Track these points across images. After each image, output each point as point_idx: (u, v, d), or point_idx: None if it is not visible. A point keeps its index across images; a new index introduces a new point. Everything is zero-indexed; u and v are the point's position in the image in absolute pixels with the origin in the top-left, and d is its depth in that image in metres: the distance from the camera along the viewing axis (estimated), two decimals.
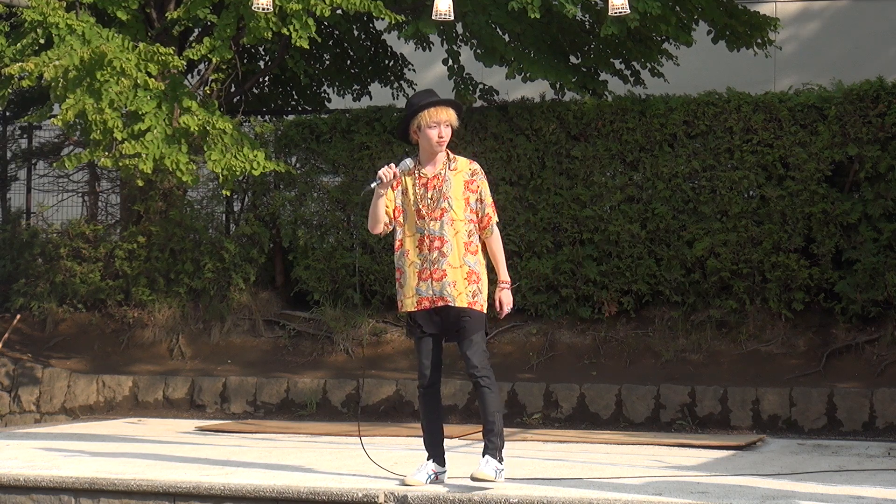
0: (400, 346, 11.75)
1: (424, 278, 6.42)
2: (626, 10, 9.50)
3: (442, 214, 6.44)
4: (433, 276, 6.41)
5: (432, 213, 6.44)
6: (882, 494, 6.35)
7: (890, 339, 10.67)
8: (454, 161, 6.55)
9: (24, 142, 13.96)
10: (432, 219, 6.43)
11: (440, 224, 6.42)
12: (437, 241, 6.42)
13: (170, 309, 12.29)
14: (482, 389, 6.37)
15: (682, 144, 11.35)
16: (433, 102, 6.47)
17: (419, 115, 6.46)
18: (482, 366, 6.38)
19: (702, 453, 8.33)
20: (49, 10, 10.30)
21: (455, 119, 6.52)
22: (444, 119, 6.45)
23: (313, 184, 12.41)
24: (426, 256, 6.42)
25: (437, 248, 6.41)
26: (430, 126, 6.44)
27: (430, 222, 6.43)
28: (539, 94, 11.95)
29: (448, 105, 6.50)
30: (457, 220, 6.44)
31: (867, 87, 10.96)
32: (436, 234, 6.42)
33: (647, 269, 11.33)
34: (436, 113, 6.45)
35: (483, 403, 6.38)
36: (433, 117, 6.44)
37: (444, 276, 6.40)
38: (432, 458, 6.53)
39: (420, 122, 6.47)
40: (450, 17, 9.39)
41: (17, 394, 11.52)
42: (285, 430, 9.62)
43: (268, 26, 10.41)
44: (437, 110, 6.45)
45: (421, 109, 6.46)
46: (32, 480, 6.84)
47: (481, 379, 6.36)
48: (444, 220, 6.43)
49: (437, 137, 6.45)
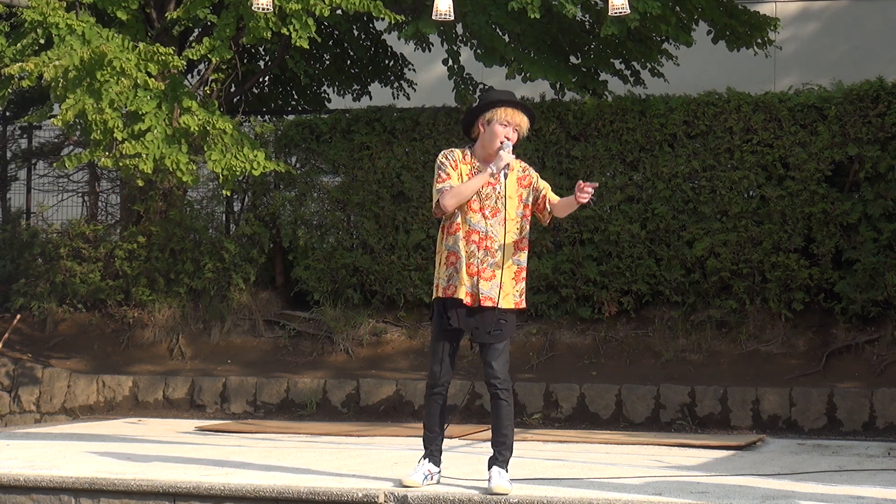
0: (400, 346, 11.75)
1: (472, 273, 6.30)
2: (626, 10, 9.50)
3: (495, 214, 6.33)
4: (481, 274, 6.30)
5: (485, 212, 6.32)
6: (882, 494, 6.35)
7: (890, 339, 10.67)
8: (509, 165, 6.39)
9: (24, 142, 13.95)
10: (484, 217, 6.32)
11: (492, 223, 6.32)
12: (487, 240, 6.31)
13: (170, 309, 12.29)
14: (500, 402, 6.31)
15: (682, 144, 11.35)
16: (514, 102, 6.37)
17: (495, 110, 6.32)
18: (504, 377, 6.31)
19: (702, 453, 8.33)
20: (49, 10, 10.29)
21: (526, 128, 6.37)
22: (517, 122, 6.32)
23: (313, 184, 12.41)
24: (473, 252, 6.30)
25: (485, 248, 6.30)
26: (502, 122, 6.30)
27: (481, 220, 6.32)
28: (539, 94, 11.96)
29: (525, 111, 6.37)
30: (509, 219, 6.34)
31: (867, 87, 10.96)
32: (487, 233, 6.31)
33: (647, 269, 11.33)
34: (514, 113, 6.32)
35: (499, 416, 6.32)
36: (510, 116, 6.31)
37: (493, 277, 6.30)
38: (430, 458, 6.50)
39: (493, 116, 6.32)
40: (450, 17, 9.39)
41: (17, 394, 11.52)
42: (285, 430, 9.62)
43: (267, 26, 10.41)
44: (516, 112, 6.33)
45: (500, 104, 6.32)
46: (32, 480, 6.84)
47: (501, 391, 6.30)
48: (496, 219, 6.32)
49: (502, 135, 6.27)
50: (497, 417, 6.34)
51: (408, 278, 11.91)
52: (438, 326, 6.39)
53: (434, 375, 6.42)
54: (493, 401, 6.34)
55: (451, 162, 6.37)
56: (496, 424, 6.34)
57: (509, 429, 6.34)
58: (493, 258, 6.31)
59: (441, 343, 6.39)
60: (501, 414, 6.32)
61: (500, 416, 6.32)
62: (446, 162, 6.37)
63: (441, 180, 6.33)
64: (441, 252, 6.40)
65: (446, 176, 6.33)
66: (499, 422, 6.33)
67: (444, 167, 6.35)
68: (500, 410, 6.32)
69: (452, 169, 6.35)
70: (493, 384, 6.31)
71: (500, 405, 6.32)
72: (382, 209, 12.03)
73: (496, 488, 6.16)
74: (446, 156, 6.40)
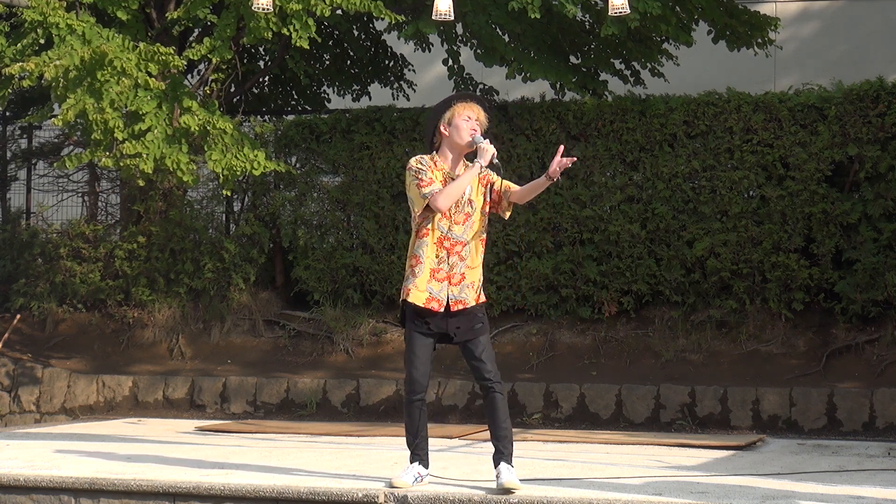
0: (400, 346, 11.75)
1: (439, 279, 6.32)
2: (626, 10, 9.50)
3: (465, 219, 6.36)
4: (451, 279, 6.32)
5: (456, 218, 6.35)
6: (882, 494, 6.35)
7: (890, 339, 10.67)
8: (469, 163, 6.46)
9: (24, 142, 13.95)
10: (455, 223, 6.34)
11: (462, 228, 6.35)
12: (458, 244, 6.34)
13: (170, 309, 12.29)
14: (495, 396, 6.31)
15: (682, 144, 11.35)
16: (466, 96, 6.46)
17: (452, 108, 6.40)
18: (495, 371, 6.33)
19: (702, 453, 8.33)
20: (49, 10, 10.29)
21: (484, 119, 6.44)
22: (474, 115, 6.40)
23: (313, 184, 12.41)
24: (443, 258, 6.33)
25: (457, 253, 6.33)
26: (463, 118, 6.37)
27: (453, 225, 6.34)
28: (539, 94, 11.96)
29: (478, 102, 6.46)
30: (476, 220, 6.39)
31: (867, 87, 10.96)
32: (457, 238, 6.34)
33: (647, 269, 11.33)
34: (470, 107, 6.40)
35: (496, 411, 6.32)
36: (468, 110, 6.39)
37: (462, 280, 6.35)
38: (419, 461, 6.48)
39: (452, 115, 6.39)
40: (450, 17, 9.39)
41: (17, 394, 11.52)
42: (285, 430, 9.62)
43: (268, 26, 10.41)
44: (471, 104, 6.41)
45: (453, 102, 6.42)
46: (32, 480, 6.84)
47: (495, 385, 6.31)
48: (466, 224, 6.36)
49: (468, 129, 6.34)
50: (494, 411, 6.33)
51: None
52: (414, 331, 6.38)
53: (414, 382, 6.36)
54: (489, 396, 6.34)
55: (427, 167, 6.37)
56: (495, 419, 6.34)
57: (508, 421, 6.36)
58: (464, 261, 6.36)
59: (419, 348, 6.37)
60: (498, 407, 6.33)
61: (497, 409, 6.33)
62: (423, 167, 6.37)
63: (426, 183, 6.32)
64: (410, 256, 6.44)
65: (430, 179, 6.33)
66: (497, 415, 6.33)
67: (424, 171, 6.35)
68: (496, 404, 6.33)
69: (430, 172, 6.36)
70: (486, 379, 6.32)
71: (495, 399, 6.32)
72: (382, 209, 12.04)
73: (508, 484, 6.17)
74: (420, 161, 6.41)
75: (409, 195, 6.44)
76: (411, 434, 6.45)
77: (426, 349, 6.38)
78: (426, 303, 6.32)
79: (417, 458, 6.46)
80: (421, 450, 6.46)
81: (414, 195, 6.37)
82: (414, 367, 6.37)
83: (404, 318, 6.45)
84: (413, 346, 6.40)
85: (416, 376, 6.35)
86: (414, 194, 6.37)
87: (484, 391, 6.36)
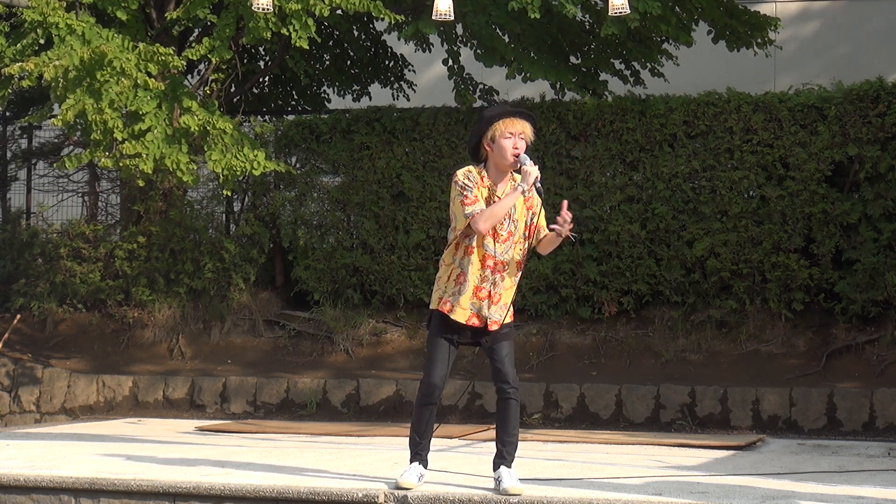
0: (400, 346, 11.75)
1: (482, 297, 6.27)
2: (626, 10, 9.50)
3: (508, 237, 6.29)
4: (492, 298, 6.28)
5: (499, 236, 6.27)
6: (882, 494, 6.35)
7: (890, 339, 10.67)
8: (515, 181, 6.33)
9: (24, 142, 13.95)
10: (499, 242, 6.27)
11: (505, 248, 6.28)
12: (500, 264, 6.28)
13: (170, 309, 12.29)
14: (510, 402, 6.29)
15: (682, 144, 11.35)
16: (509, 112, 6.32)
17: (494, 125, 6.27)
18: (515, 379, 6.31)
19: (702, 453, 8.33)
20: (49, 10, 10.29)
21: (530, 133, 6.31)
22: (519, 130, 6.27)
23: (313, 184, 12.41)
24: (486, 277, 6.26)
25: (499, 272, 6.28)
26: (505, 136, 6.24)
27: (497, 245, 6.27)
28: (539, 94, 11.96)
29: (524, 118, 6.32)
30: (518, 242, 6.32)
31: (867, 87, 10.96)
32: (500, 258, 6.27)
33: (647, 269, 11.33)
34: (512, 122, 6.26)
35: (508, 417, 6.30)
36: (509, 127, 6.25)
37: (500, 299, 6.30)
38: (420, 461, 6.46)
39: (494, 132, 6.26)
40: (450, 17, 9.39)
41: (17, 394, 11.52)
42: (285, 430, 9.62)
43: (267, 26, 10.41)
44: (514, 121, 6.27)
45: (497, 119, 6.28)
46: (32, 480, 6.84)
47: (512, 392, 6.28)
48: (509, 243, 6.29)
49: (511, 148, 6.22)
50: (507, 418, 6.32)
51: (408, 278, 11.91)
52: (439, 336, 6.36)
53: (432, 387, 6.33)
54: (504, 401, 6.31)
55: (473, 182, 6.27)
56: (505, 425, 6.33)
57: (517, 428, 6.36)
58: (503, 281, 6.30)
59: (442, 354, 6.35)
60: (511, 414, 6.32)
61: (509, 416, 6.32)
62: (470, 183, 6.26)
63: (470, 202, 6.22)
64: (450, 265, 6.34)
65: (474, 198, 6.23)
66: (508, 422, 6.33)
67: (470, 188, 6.25)
68: (509, 409, 6.31)
69: (476, 189, 6.26)
70: (505, 383, 6.28)
71: (510, 404, 6.31)
72: (382, 209, 12.04)
73: (511, 489, 6.17)
74: (468, 176, 6.29)
75: (451, 208, 6.33)
76: (417, 434, 6.43)
77: (449, 357, 6.36)
78: (468, 319, 6.30)
79: (418, 459, 6.45)
80: (424, 450, 6.46)
81: (457, 211, 6.27)
82: (434, 372, 6.33)
83: (430, 322, 6.42)
84: (436, 352, 6.37)
85: (435, 381, 6.33)
86: (457, 210, 6.27)
87: (500, 394, 6.34)
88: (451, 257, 6.35)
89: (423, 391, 6.37)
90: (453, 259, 6.33)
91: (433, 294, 6.42)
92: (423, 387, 6.37)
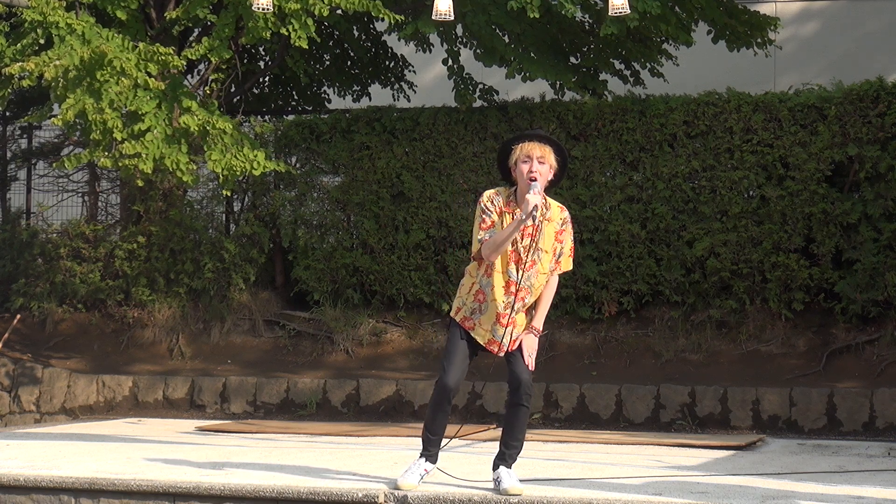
0: (400, 346, 11.75)
1: (503, 324, 6.27)
2: (625, 10, 9.50)
3: (532, 266, 6.25)
4: (514, 325, 6.27)
5: (523, 263, 6.24)
6: (882, 494, 6.35)
7: (890, 339, 10.67)
8: (549, 209, 6.31)
9: (24, 142, 13.96)
10: (521, 269, 6.24)
11: (528, 276, 6.25)
12: (522, 290, 6.26)
13: (170, 309, 12.29)
14: (520, 408, 6.29)
15: (682, 144, 11.35)
16: (526, 136, 6.29)
17: (514, 149, 6.26)
18: (530, 385, 6.30)
19: (702, 453, 8.33)
20: (49, 9, 10.29)
21: (552, 158, 6.23)
22: (537, 154, 6.20)
23: (313, 184, 12.41)
24: (510, 303, 6.25)
25: (521, 299, 6.27)
26: (522, 160, 6.21)
27: (519, 272, 6.24)
28: (539, 94, 11.96)
29: (545, 142, 6.26)
30: (541, 272, 6.29)
31: (867, 87, 10.96)
32: (523, 285, 6.25)
33: (647, 269, 11.33)
34: (528, 147, 6.22)
35: (517, 422, 6.31)
36: (528, 150, 6.21)
37: (514, 323, 6.29)
38: (428, 458, 6.48)
39: (515, 157, 6.24)
40: (450, 17, 9.39)
41: (17, 394, 11.52)
42: (285, 430, 9.62)
43: (266, 26, 10.41)
44: (531, 145, 6.22)
45: (516, 142, 6.27)
46: (32, 480, 6.84)
47: (523, 398, 6.28)
48: (532, 271, 6.26)
49: (526, 171, 6.17)
50: (515, 422, 6.33)
51: (408, 278, 11.91)
52: (458, 339, 6.35)
53: (445, 388, 6.31)
54: (515, 407, 6.31)
55: (496, 207, 6.26)
56: (512, 429, 6.34)
57: (523, 434, 6.37)
58: (524, 305, 6.31)
59: (459, 356, 6.34)
60: (519, 419, 6.32)
61: (517, 421, 6.33)
62: (491, 207, 6.27)
63: (486, 227, 6.25)
64: (473, 279, 6.35)
65: (490, 222, 6.25)
66: (515, 426, 6.34)
67: (489, 212, 6.25)
68: (518, 416, 6.32)
69: (497, 215, 6.25)
70: (518, 390, 6.28)
71: (520, 411, 6.31)
72: (382, 209, 12.04)
73: (511, 489, 6.17)
74: (492, 200, 6.29)
75: (473, 228, 6.38)
76: (429, 431, 6.43)
77: (465, 360, 6.35)
78: (488, 344, 6.32)
79: (427, 455, 6.44)
80: (434, 446, 6.45)
81: (474, 234, 6.33)
82: (448, 374, 6.33)
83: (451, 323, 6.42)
84: (453, 354, 6.36)
85: (448, 383, 6.32)
86: (474, 233, 6.33)
87: (511, 398, 6.34)
88: (475, 271, 6.37)
89: (437, 392, 6.38)
90: (476, 274, 6.36)
91: (455, 299, 6.44)
92: (437, 388, 6.38)
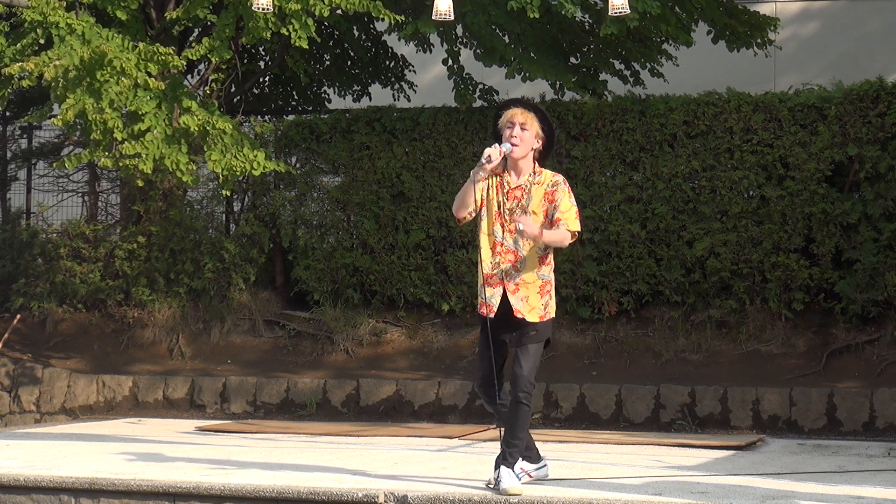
0: (400, 346, 11.75)
1: (492, 285, 6.29)
2: (625, 10, 9.50)
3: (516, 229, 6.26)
4: (507, 287, 6.28)
5: (509, 226, 6.29)
6: (882, 494, 6.35)
7: (890, 339, 10.67)
8: (539, 174, 6.38)
9: (24, 142, 13.96)
10: (509, 231, 6.29)
11: (514, 238, 6.28)
12: (510, 254, 6.29)
13: (170, 309, 12.29)
14: (520, 407, 6.29)
15: (682, 144, 11.35)
16: (512, 102, 6.43)
17: (500, 120, 6.38)
18: (531, 383, 6.29)
19: (702, 453, 8.33)
20: (49, 9, 10.29)
21: (537, 126, 6.33)
22: (519, 121, 6.31)
23: (313, 184, 12.41)
24: (498, 264, 6.29)
25: (510, 262, 6.29)
26: (507, 126, 6.33)
27: (506, 234, 6.30)
28: (539, 94, 11.95)
29: (528, 108, 6.38)
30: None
31: (867, 87, 10.96)
32: (510, 248, 6.29)
33: (647, 269, 11.33)
34: (511, 113, 6.34)
35: (517, 421, 6.30)
36: (508, 118, 6.33)
37: (517, 290, 6.28)
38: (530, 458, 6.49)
39: (501, 123, 6.38)
40: (450, 17, 9.39)
41: (17, 394, 11.52)
42: (285, 430, 9.62)
43: (267, 26, 10.41)
44: (514, 111, 6.34)
45: (501, 112, 6.40)
46: (32, 480, 6.84)
47: (524, 397, 6.28)
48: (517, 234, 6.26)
49: (508, 137, 6.28)
50: (515, 421, 6.32)
51: (408, 278, 11.91)
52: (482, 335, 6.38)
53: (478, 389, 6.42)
54: (514, 405, 6.31)
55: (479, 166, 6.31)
56: (513, 427, 6.33)
57: (525, 433, 6.37)
58: (519, 272, 6.30)
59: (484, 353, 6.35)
60: (520, 417, 6.31)
61: (518, 419, 6.32)
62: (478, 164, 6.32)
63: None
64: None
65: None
66: (516, 424, 6.33)
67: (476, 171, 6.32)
68: (519, 414, 6.31)
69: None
70: (519, 388, 6.28)
71: (521, 409, 6.31)
72: (382, 209, 12.04)
73: (511, 489, 6.16)
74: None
75: None
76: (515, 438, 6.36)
77: (489, 354, 6.33)
78: (479, 308, 6.37)
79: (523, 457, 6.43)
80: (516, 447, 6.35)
81: None
82: (478, 374, 6.42)
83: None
84: (478, 352, 6.45)
85: (478, 383, 6.41)
86: None
87: (513, 397, 6.34)
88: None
89: (488, 402, 6.45)
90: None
91: None
92: (486, 398, 6.46)
